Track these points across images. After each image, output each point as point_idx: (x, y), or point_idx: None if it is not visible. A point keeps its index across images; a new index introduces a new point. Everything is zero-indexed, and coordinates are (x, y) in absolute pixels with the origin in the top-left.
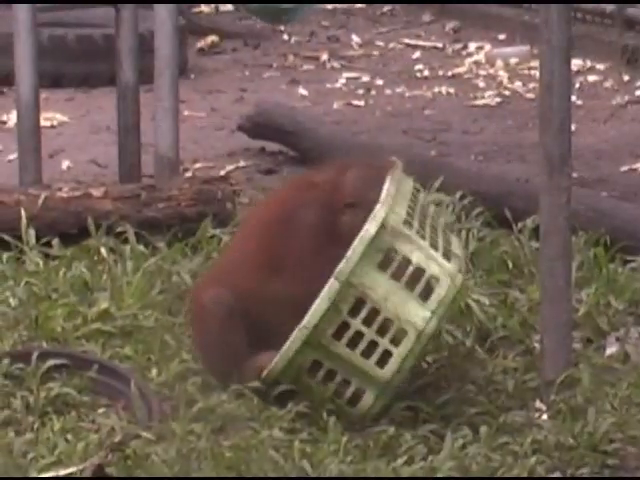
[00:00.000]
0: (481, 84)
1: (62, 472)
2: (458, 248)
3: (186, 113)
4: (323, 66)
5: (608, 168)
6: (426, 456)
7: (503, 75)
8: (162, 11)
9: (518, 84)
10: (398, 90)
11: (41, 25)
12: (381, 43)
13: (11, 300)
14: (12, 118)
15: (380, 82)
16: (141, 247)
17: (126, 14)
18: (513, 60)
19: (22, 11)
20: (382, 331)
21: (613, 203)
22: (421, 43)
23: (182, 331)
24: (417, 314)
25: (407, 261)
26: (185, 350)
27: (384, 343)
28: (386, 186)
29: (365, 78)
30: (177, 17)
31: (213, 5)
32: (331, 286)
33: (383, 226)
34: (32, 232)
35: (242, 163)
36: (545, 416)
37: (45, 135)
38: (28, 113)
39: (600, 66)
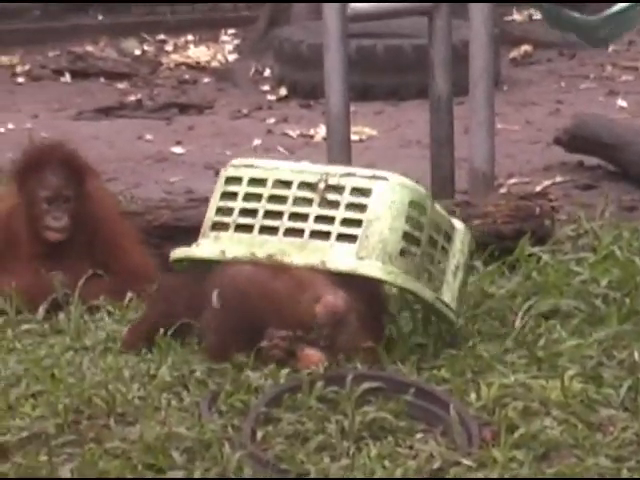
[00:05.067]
0: None
1: None
2: None
3: (499, 126)
4: None
5: None
6: None
7: None
8: (477, 20)
9: None
10: None
11: (349, 36)
12: None
13: None
14: (320, 132)
15: None
16: None
17: (440, 23)
18: None
19: (333, 21)
20: None
21: None
22: None
23: (502, 350)
24: None
25: None
26: (504, 373)
27: None
28: None
29: None
30: (492, 26)
31: (526, 13)
32: None
33: None
34: None
35: (559, 178)
36: None
37: (354, 149)
38: (338, 126)
39: None
